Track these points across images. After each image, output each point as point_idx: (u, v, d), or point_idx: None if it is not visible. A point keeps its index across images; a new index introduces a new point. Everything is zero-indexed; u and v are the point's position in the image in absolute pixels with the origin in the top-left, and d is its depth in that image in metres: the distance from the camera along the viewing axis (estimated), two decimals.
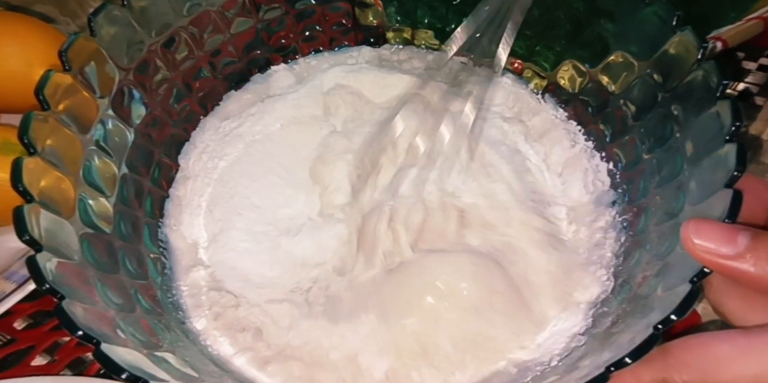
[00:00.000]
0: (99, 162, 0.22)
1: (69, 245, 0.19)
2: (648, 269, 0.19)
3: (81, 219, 0.20)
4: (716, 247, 0.15)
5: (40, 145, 0.19)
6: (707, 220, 0.16)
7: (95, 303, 0.18)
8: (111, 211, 0.22)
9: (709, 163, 0.18)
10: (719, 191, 0.17)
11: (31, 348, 0.26)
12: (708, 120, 0.19)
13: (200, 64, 0.27)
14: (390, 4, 0.30)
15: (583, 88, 0.26)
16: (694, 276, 0.16)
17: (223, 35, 0.27)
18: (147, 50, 0.24)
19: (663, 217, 0.20)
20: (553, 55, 0.27)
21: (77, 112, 0.21)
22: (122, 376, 0.15)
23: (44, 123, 0.19)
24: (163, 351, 0.19)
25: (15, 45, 0.30)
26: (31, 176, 0.18)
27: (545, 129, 0.27)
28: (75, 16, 0.37)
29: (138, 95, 0.24)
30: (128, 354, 0.17)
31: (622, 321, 0.18)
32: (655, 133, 0.22)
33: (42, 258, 0.17)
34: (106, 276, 0.20)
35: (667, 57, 0.21)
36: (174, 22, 0.25)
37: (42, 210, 0.18)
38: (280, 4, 0.28)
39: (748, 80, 0.34)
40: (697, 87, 0.20)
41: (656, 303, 0.17)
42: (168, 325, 0.21)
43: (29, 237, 0.17)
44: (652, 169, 0.22)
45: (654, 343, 0.15)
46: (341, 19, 0.30)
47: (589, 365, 0.17)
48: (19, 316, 0.27)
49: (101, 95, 0.22)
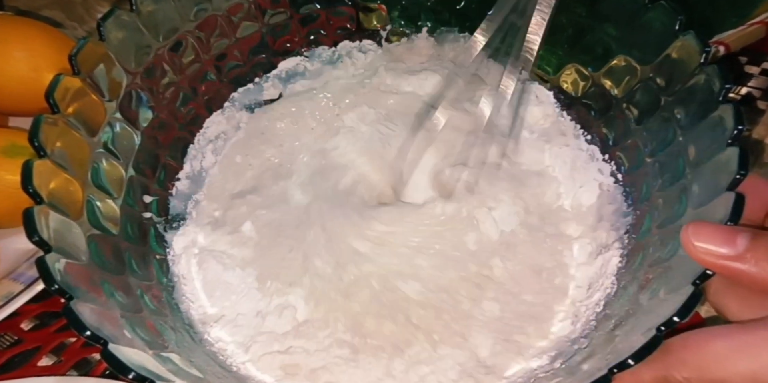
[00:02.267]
0: (107, 164, 0.22)
1: (77, 246, 0.19)
2: (651, 272, 0.19)
3: (89, 220, 0.20)
4: (716, 249, 0.15)
5: (49, 147, 0.19)
6: (707, 223, 0.16)
7: (102, 303, 0.18)
8: (118, 213, 0.22)
9: (712, 166, 0.18)
10: (721, 194, 0.17)
11: (37, 349, 0.26)
12: (710, 124, 0.19)
13: (206, 67, 0.27)
14: (394, 9, 0.30)
15: (586, 92, 0.26)
16: (696, 279, 0.16)
17: (229, 39, 0.28)
18: (154, 54, 0.25)
19: (665, 220, 0.20)
20: (556, 58, 0.27)
21: (86, 115, 0.21)
22: (129, 376, 0.16)
23: (54, 126, 0.20)
24: (168, 352, 0.19)
25: (23, 50, 0.30)
26: (41, 178, 0.18)
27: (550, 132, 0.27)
28: (82, 21, 0.38)
29: (145, 98, 0.24)
30: (135, 354, 0.17)
31: (624, 324, 0.18)
32: (657, 136, 0.22)
33: (51, 259, 0.17)
34: (113, 277, 0.20)
35: (670, 61, 0.21)
36: (181, 26, 0.25)
37: (51, 212, 0.18)
38: (285, 8, 0.29)
39: (750, 84, 0.34)
40: (700, 91, 0.20)
41: (659, 305, 0.17)
42: (173, 326, 0.21)
43: (39, 238, 0.17)
44: (654, 173, 0.22)
45: (657, 345, 0.15)
46: (345, 23, 0.30)
47: (591, 367, 0.17)
48: (26, 317, 0.27)
49: (109, 98, 0.22)
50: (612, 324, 0.19)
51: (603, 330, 0.19)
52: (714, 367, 0.15)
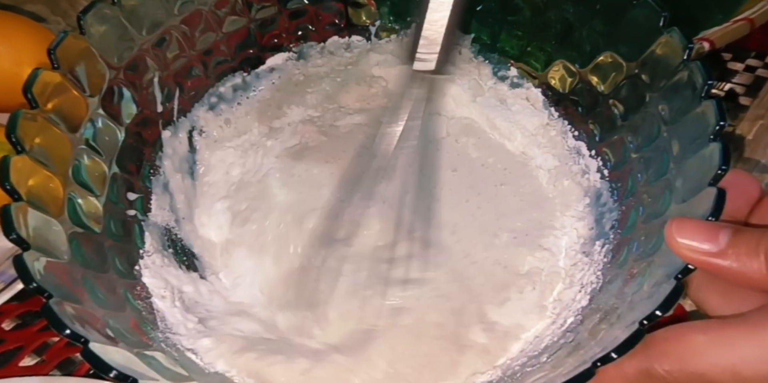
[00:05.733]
0: (88, 161, 0.21)
1: (58, 244, 0.19)
2: (635, 266, 0.19)
3: (70, 218, 0.20)
4: (698, 245, 0.16)
5: (28, 143, 0.19)
6: (690, 219, 0.16)
7: (84, 302, 0.18)
8: (101, 210, 0.22)
9: (695, 161, 0.18)
10: (704, 189, 0.17)
11: (19, 349, 0.26)
12: (693, 119, 0.19)
13: (192, 63, 0.27)
14: (383, 4, 0.30)
15: (574, 88, 0.26)
16: (678, 273, 0.16)
17: (216, 34, 0.27)
18: (138, 49, 0.24)
19: (650, 216, 0.20)
20: (544, 55, 0.27)
21: (66, 111, 0.21)
22: (111, 375, 0.15)
23: (32, 121, 0.19)
24: (152, 351, 0.19)
25: (5, 44, 0.30)
26: (19, 175, 0.18)
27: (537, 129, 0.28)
28: (66, 15, 0.37)
29: (128, 94, 0.24)
30: (117, 353, 0.17)
31: (609, 317, 0.18)
32: (642, 132, 0.22)
33: (29, 257, 0.17)
34: (96, 276, 0.20)
35: (654, 57, 0.22)
36: (165, 20, 0.25)
37: (30, 209, 0.18)
38: (272, 3, 0.28)
39: (734, 81, 0.35)
40: (683, 87, 0.20)
41: (642, 299, 0.17)
42: (157, 324, 0.21)
43: (16, 235, 0.17)
44: (640, 168, 0.22)
45: (640, 338, 0.15)
46: (334, 18, 0.30)
47: (576, 360, 0.17)
48: (7, 317, 0.27)
49: (91, 94, 0.22)
50: (597, 318, 0.19)
51: (588, 324, 0.20)
52: (695, 360, 0.15)
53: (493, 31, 0.28)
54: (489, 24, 0.28)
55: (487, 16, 0.28)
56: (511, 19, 0.28)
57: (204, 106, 0.28)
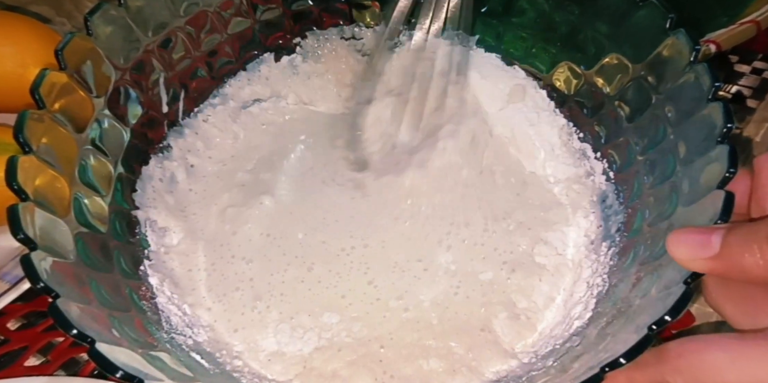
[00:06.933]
0: (94, 161, 0.22)
1: (64, 244, 0.19)
2: (642, 270, 0.19)
3: (76, 218, 0.20)
4: (696, 253, 0.16)
5: (35, 143, 0.19)
6: (684, 229, 0.17)
7: (90, 302, 0.18)
8: (106, 211, 0.22)
9: (702, 164, 0.18)
10: (711, 192, 0.17)
11: (24, 349, 0.26)
12: (700, 122, 0.19)
13: (197, 64, 0.27)
14: (387, 6, 0.30)
15: (579, 90, 0.26)
16: (688, 278, 0.16)
17: (220, 35, 0.27)
18: (144, 50, 0.24)
19: (656, 218, 0.20)
20: (549, 56, 0.27)
21: (73, 111, 0.21)
22: (117, 375, 0.15)
23: (39, 122, 0.19)
24: (158, 351, 0.19)
25: (10, 45, 0.30)
26: (26, 175, 0.18)
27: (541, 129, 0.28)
28: (71, 16, 0.37)
29: (134, 95, 0.24)
30: (123, 353, 0.17)
31: (616, 322, 0.18)
32: (648, 134, 0.22)
33: (36, 256, 0.17)
34: (101, 276, 0.20)
35: (660, 59, 0.21)
36: (171, 21, 0.25)
37: (37, 209, 0.18)
38: (277, 4, 0.28)
39: (741, 83, 0.35)
40: (689, 89, 0.20)
41: (650, 303, 0.17)
42: (162, 325, 0.21)
43: (24, 235, 0.17)
44: (645, 171, 0.22)
45: (648, 344, 0.15)
46: (338, 20, 0.30)
47: (583, 365, 0.17)
48: (12, 317, 0.27)
49: (97, 94, 0.22)
50: (603, 322, 0.19)
51: (595, 328, 0.20)
52: (709, 377, 0.15)
53: (497, 32, 0.28)
54: (493, 25, 0.28)
55: (491, 18, 0.28)
56: (515, 21, 0.28)
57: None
